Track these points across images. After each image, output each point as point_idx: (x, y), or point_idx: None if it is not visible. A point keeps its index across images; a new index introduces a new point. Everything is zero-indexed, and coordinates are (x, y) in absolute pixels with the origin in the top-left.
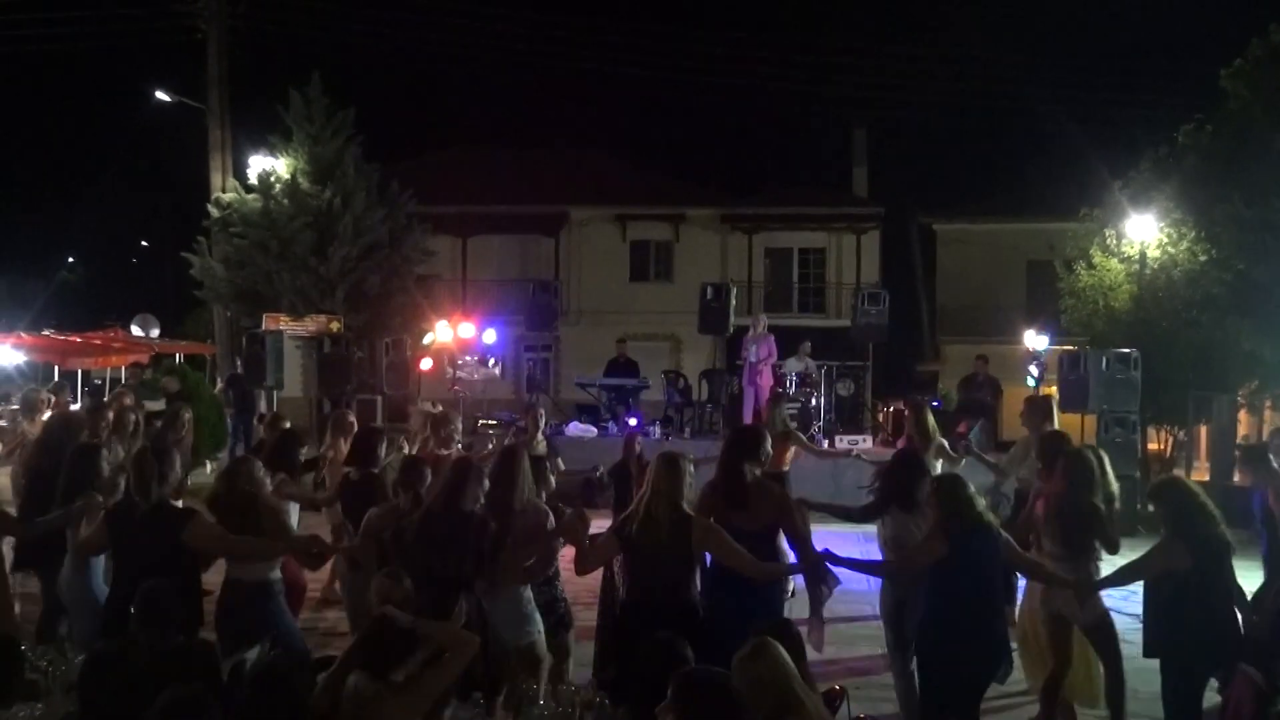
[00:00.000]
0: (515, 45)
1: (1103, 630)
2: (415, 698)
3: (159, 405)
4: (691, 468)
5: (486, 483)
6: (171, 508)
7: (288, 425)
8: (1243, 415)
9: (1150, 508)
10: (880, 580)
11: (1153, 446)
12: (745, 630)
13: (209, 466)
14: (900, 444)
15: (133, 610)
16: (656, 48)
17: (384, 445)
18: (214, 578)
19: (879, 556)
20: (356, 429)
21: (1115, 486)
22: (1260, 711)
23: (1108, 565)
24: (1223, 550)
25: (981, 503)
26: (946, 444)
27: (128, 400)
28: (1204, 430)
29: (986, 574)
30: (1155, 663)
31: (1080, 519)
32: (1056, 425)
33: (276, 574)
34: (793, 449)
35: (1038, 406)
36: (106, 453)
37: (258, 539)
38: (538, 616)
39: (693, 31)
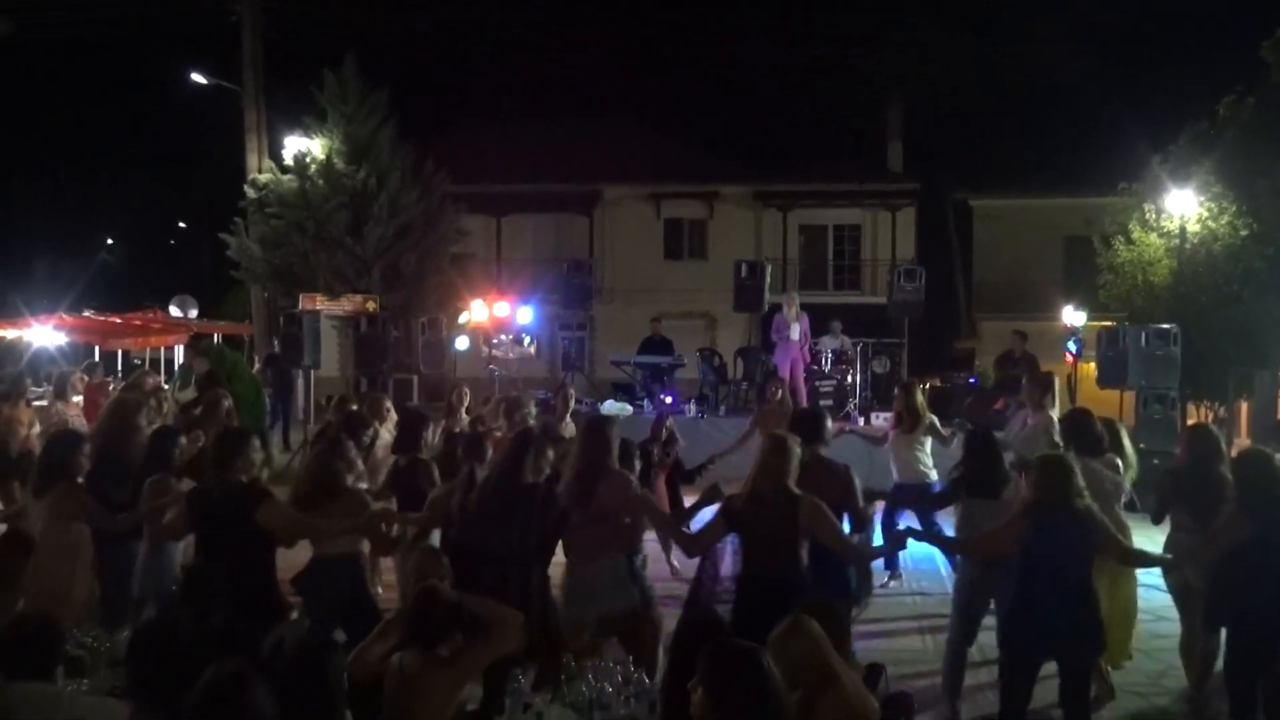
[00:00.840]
0: (549, 22)
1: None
2: (459, 673)
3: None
4: (797, 449)
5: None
6: (245, 489)
7: (354, 406)
8: None
9: None
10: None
11: (1192, 423)
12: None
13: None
14: (891, 423)
15: (176, 590)
16: (690, 23)
17: (429, 429)
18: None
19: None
20: (400, 414)
21: (1133, 457)
22: None
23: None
24: None
25: (1080, 484)
26: (937, 422)
27: (151, 382)
28: (1244, 406)
29: (1077, 557)
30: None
31: (1211, 490)
32: (1057, 401)
33: (362, 548)
34: None
35: (1040, 383)
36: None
37: (329, 520)
38: (634, 583)
39: (726, 6)
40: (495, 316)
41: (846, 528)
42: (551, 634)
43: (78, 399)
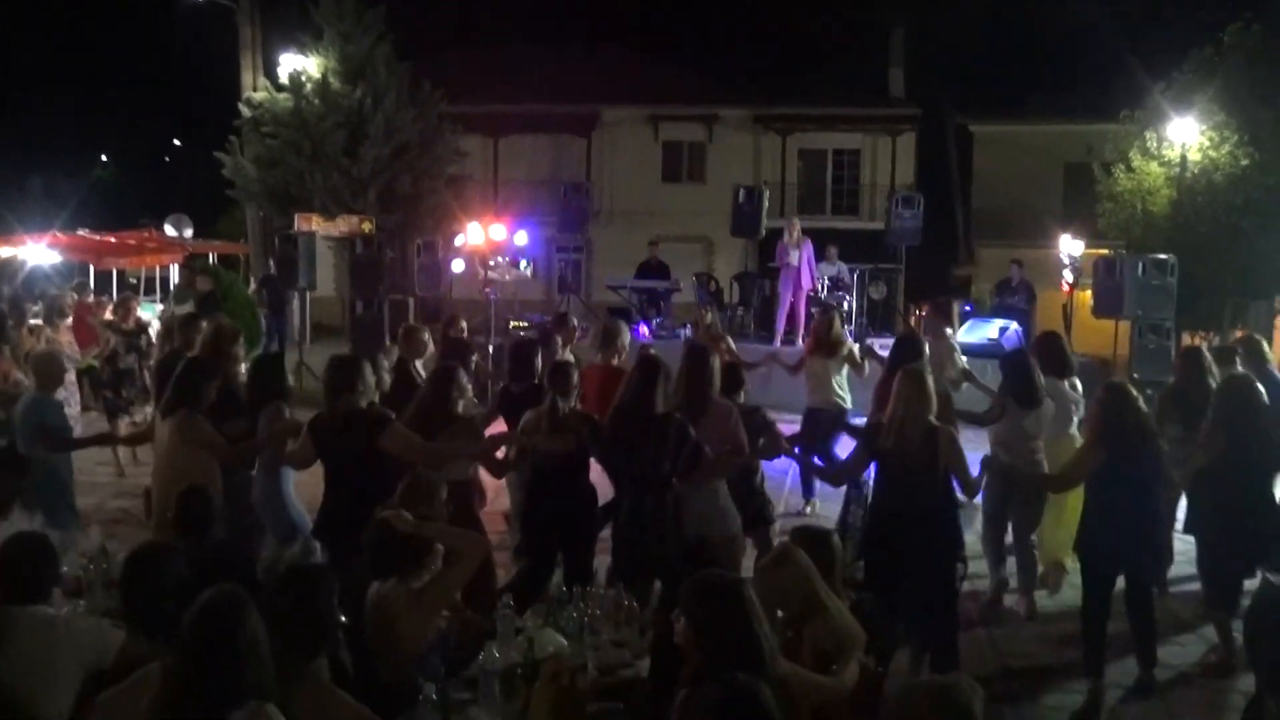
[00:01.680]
0: None
1: None
2: (428, 603)
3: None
4: (930, 381)
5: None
6: (366, 415)
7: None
8: (1278, 322)
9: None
10: None
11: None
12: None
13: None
14: (808, 347)
15: (171, 515)
16: None
17: (539, 355)
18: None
19: None
20: (513, 342)
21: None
22: None
23: None
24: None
25: (1145, 411)
26: (856, 350)
27: (134, 304)
28: (1239, 335)
29: (1146, 480)
30: None
31: (1200, 405)
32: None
33: (473, 474)
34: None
35: (939, 311)
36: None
37: (448, 445)
38: (735, 510)
39: None
40: (492, 239)
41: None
42: (671, 554)
43: (68, 321)
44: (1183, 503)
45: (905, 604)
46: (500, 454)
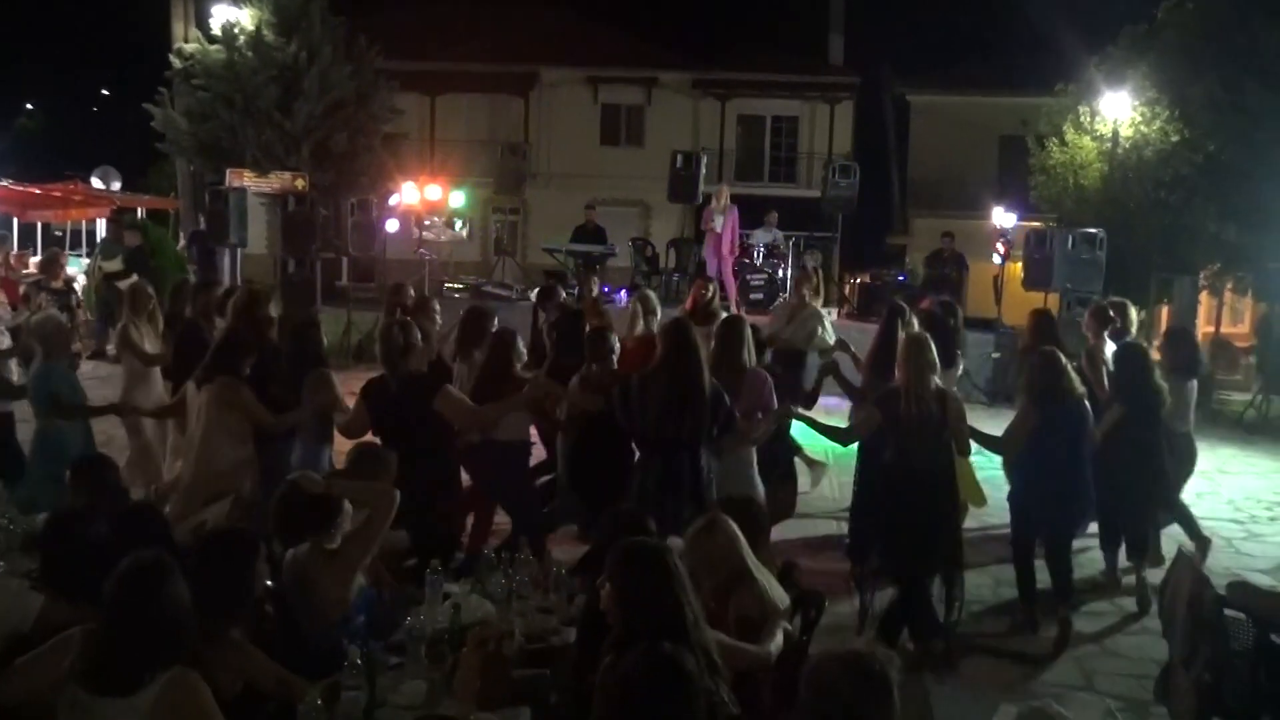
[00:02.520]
0: None
1: None
2: (345, 560)
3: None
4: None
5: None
6: (423, 379)
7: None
8: (1203, 297)
9: None
10: None
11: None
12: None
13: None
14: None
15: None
16: None
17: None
18: None
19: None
20: (560, 315)
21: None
22: (1197, 594)
23: None
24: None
25: (1073, 376)
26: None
27: (62, 260)
28: (1165, 311)
29: (1073, 439)
30: None
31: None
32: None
33: (528, 437)
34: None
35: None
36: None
37: (500, 404)
38: (758, 478)
39: None
40: (427, 199)
41: None
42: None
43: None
44: None
45: (915, 563)
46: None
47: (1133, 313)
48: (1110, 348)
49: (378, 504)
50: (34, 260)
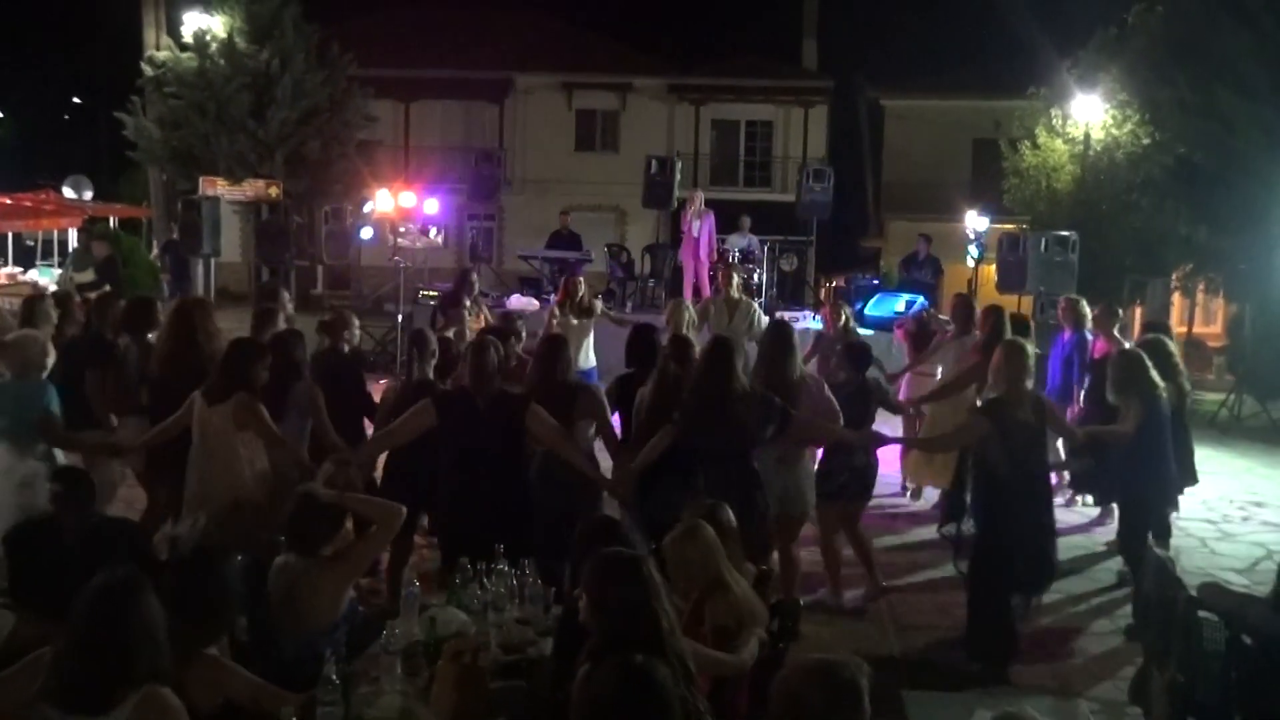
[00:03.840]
0: None
1: None
2: (344, 570)
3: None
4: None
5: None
6: (512, 396)
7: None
8: (1176, 298)
9: None
10: None
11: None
12: None
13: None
14: None
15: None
16: None
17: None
18: None
19: None
20: (635, 327)
21: None
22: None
23: None
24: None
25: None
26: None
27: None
28: (1138, 312)
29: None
30: None
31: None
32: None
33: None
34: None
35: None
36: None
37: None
38: (812, 492)
39: None
40: (401, 206)
41: None
42: (760, 528)
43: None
44: None
45: (1032, 561)
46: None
47: (1085, 307)
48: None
49: (385, 519)
50: (4, 271)
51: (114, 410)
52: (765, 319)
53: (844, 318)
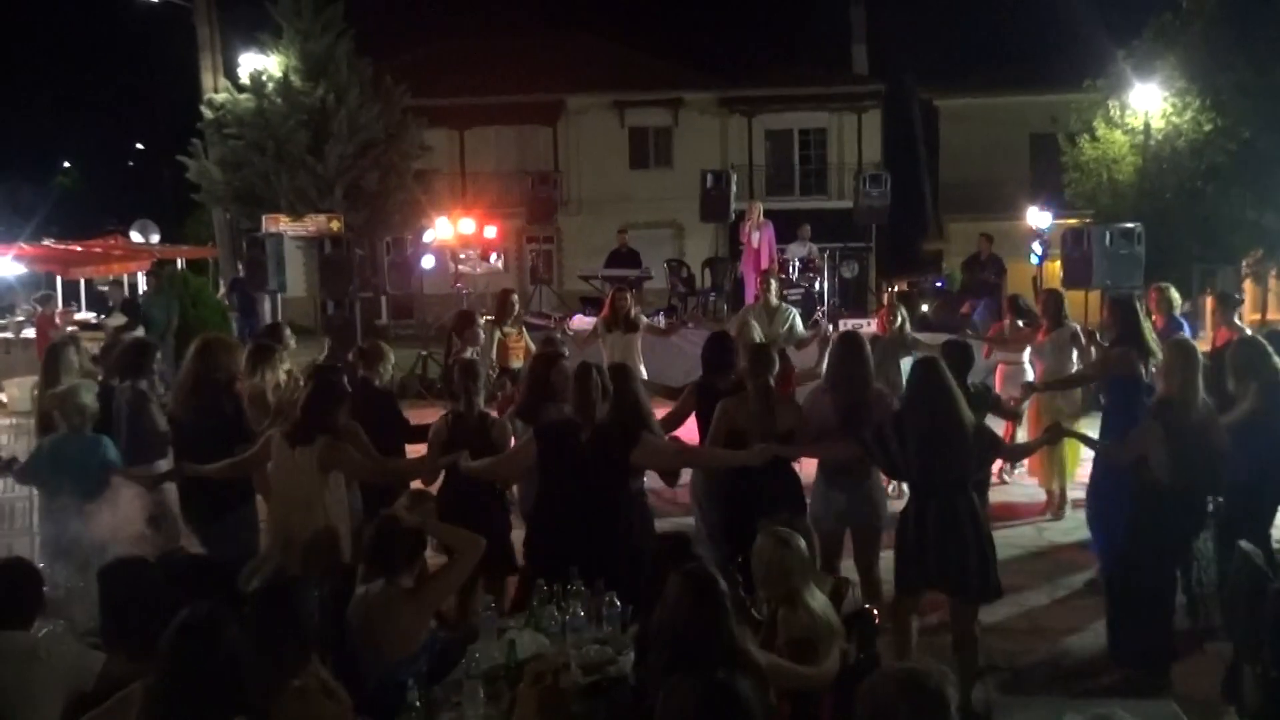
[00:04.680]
0: None
1: None
2: (426, 600)
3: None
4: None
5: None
6: (623, 429)
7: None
8: (1247, 285)
9: None
10: None
11: (1157, 319)
12: None
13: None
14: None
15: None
16: None
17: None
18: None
19: None
20: (711, 334)
21: None
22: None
23: None
24: None
25: None
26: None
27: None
28: (1209, 301)
29: None
30: None
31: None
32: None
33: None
34: None
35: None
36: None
37: (700, 450)
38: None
39: None
40: (461, 233)
41: None
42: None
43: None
44: None
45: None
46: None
47: (1174, 294)
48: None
49: (466, 548)
50: (78, 317)
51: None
52: (801, 324)
53: (899, 319)
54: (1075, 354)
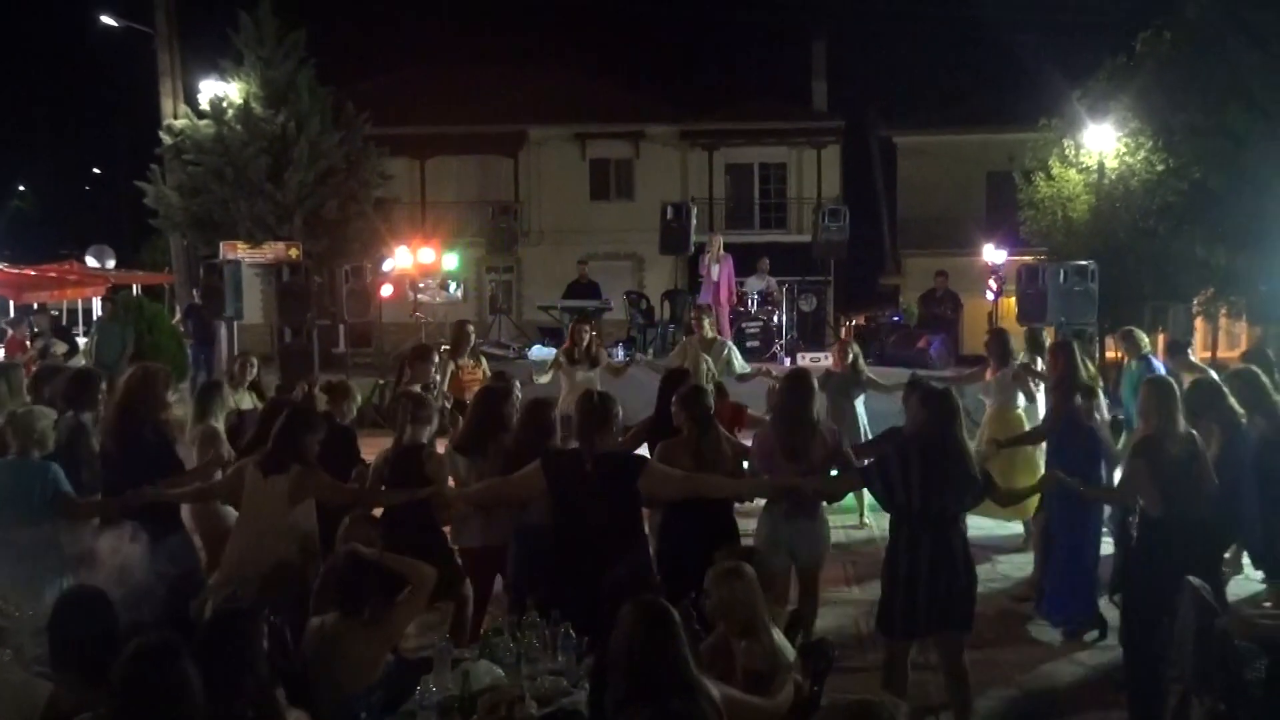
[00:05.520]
0: None
1: None
2: (386, 633)
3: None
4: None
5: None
6: (624, 456)
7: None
8: (1198, 323)
9: None
10: None
11: (1110, 355)
12: None
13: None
14: None
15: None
16: None
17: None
18: None
19: None
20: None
21: None
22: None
23: None
24: None
25: None
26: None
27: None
28: (1161, 339)
29: None
30: None
31: None
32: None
33: None
34: None
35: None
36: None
37: (707, 477)
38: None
39: None
40: (420, 262)
41: None
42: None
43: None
44: None
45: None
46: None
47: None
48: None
49: (422, 580)
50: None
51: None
52: (741, 359)
53: (851, 355)
54: (1020, 393)
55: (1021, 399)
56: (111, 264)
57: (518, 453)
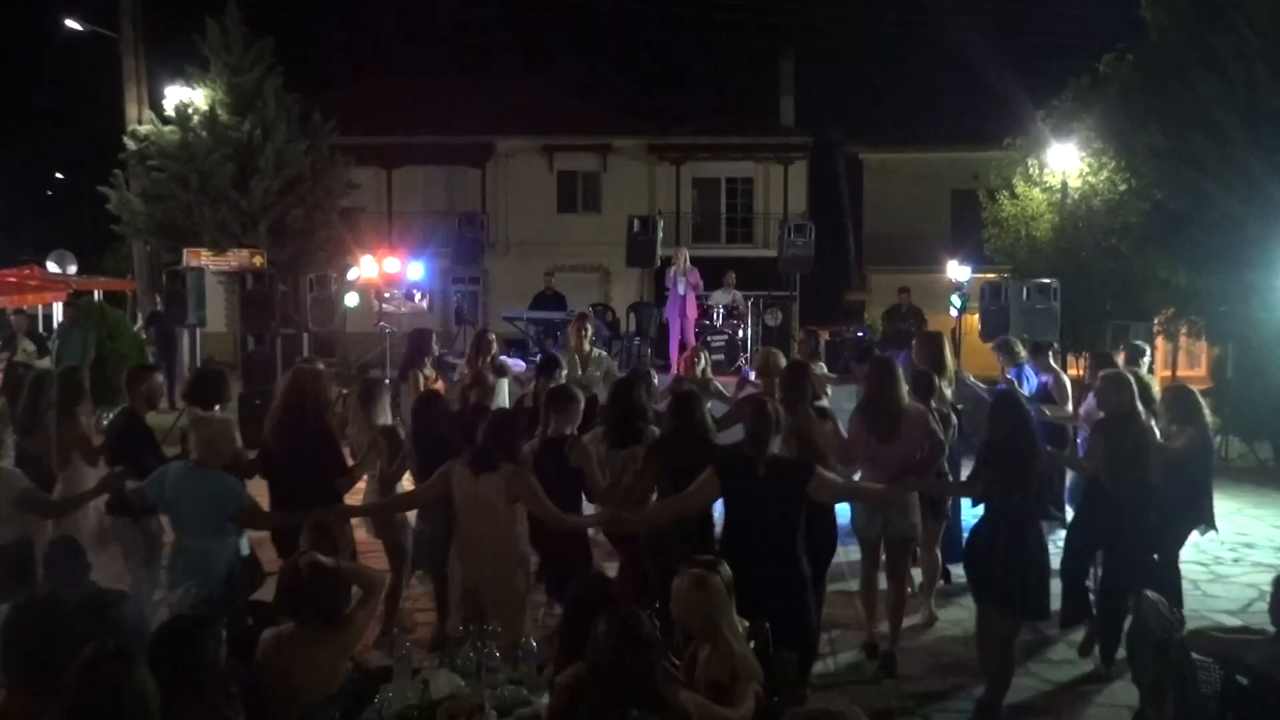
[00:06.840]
0: None
1: None
2: (344, 640)
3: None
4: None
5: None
6: (796, 462)
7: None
8: (1159, 342)
9: None
10: None
11: (1072, 372)
12: None
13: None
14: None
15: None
16: None
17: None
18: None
19: None
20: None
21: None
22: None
23: None
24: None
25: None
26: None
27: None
28: (1121, 357)
29: None
30: None
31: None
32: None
33: None
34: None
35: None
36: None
37: (860, 486)
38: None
39: None
40: (386, 272)
41: None
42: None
43: None
44: None
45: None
46: None
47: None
48: None
49: (373, 587)
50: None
51: None
52: (617, 368)
53: (701, 363)
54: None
55: None
56: (73, 269)
57: (673, 443)
